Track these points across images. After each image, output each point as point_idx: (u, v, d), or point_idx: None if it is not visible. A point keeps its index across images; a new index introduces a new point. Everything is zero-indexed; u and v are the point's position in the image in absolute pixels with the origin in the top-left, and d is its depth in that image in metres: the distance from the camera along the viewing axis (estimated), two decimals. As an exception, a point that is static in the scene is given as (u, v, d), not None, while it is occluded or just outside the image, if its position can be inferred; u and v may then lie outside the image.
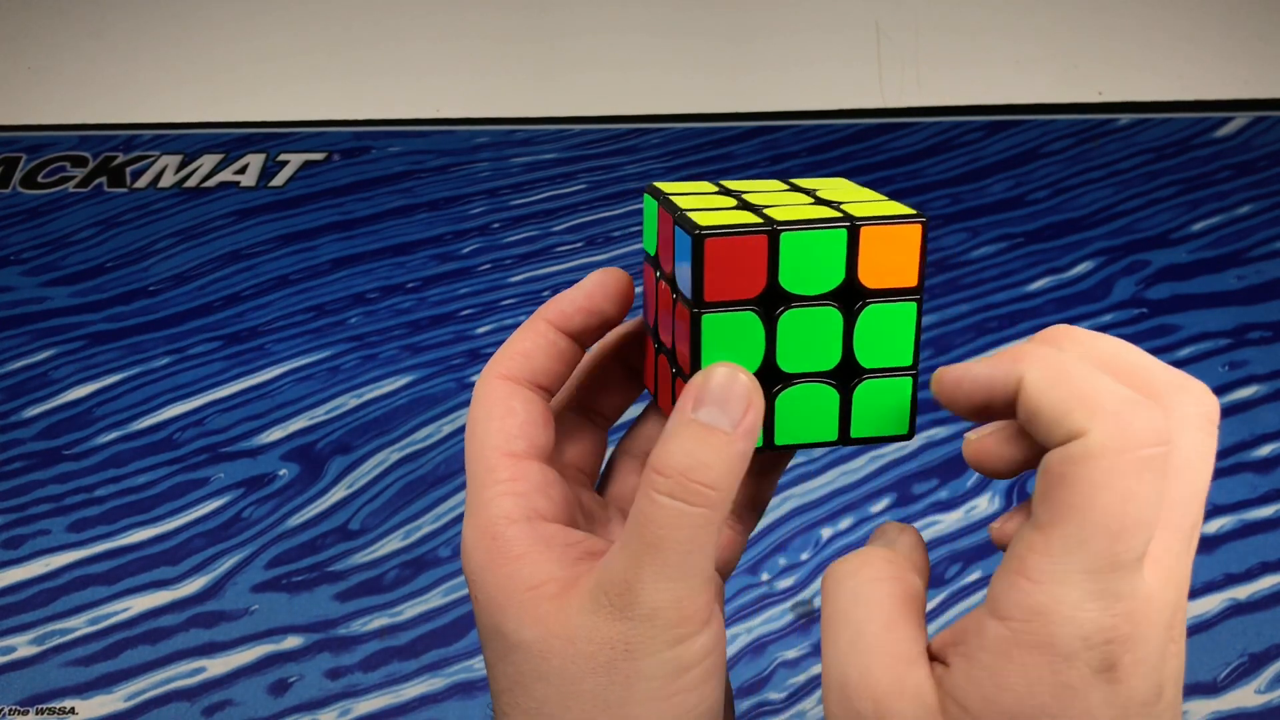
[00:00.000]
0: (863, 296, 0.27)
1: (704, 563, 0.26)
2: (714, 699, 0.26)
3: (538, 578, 0.27)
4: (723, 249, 0.26)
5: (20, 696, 0.64)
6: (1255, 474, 0.71)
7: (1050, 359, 0.24)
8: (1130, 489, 0.22)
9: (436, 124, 1.07)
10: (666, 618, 0.25)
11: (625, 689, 0.26)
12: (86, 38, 1.20)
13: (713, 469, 0.25)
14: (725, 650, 0.27)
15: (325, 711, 0.63)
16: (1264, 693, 0.61)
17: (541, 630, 0.26)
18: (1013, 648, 0.22)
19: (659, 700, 0.26)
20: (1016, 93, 1.05)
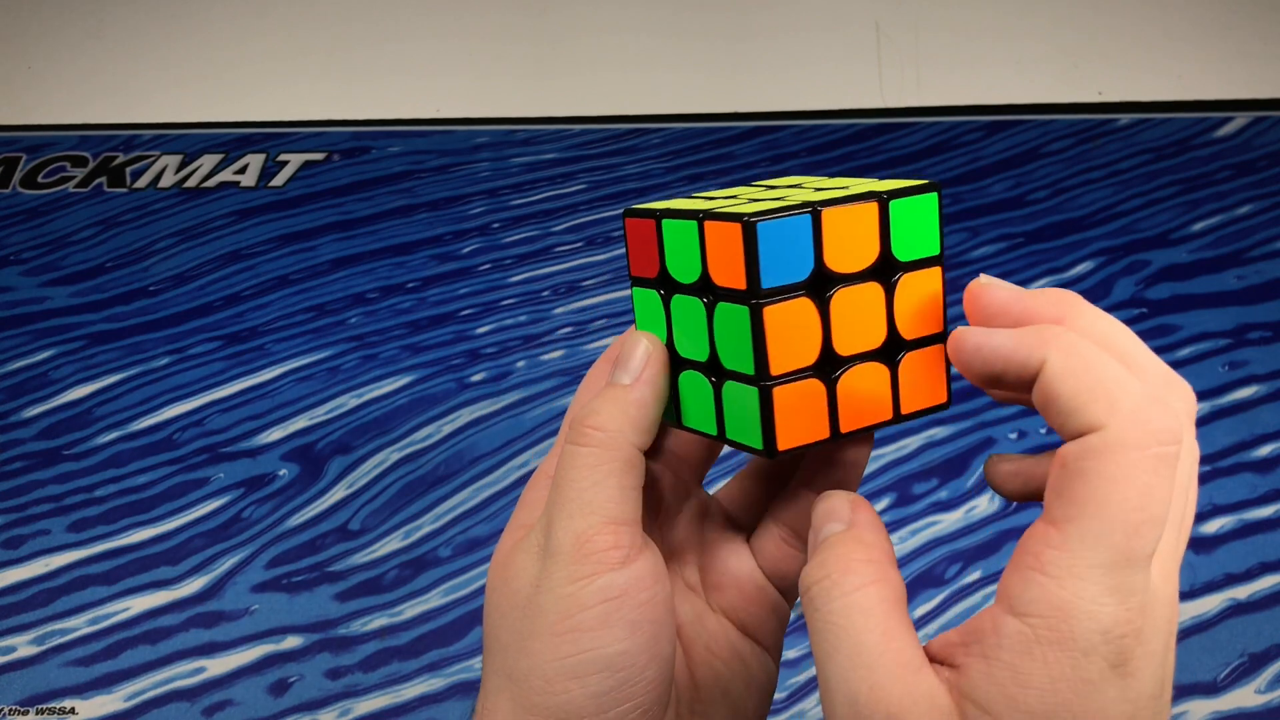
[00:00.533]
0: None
1: (605, 503, 0.27)
2: (615, 647, 0.27)
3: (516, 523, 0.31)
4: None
5: (20, 696, 0.64)
6: (1255, 474, 0.71)
7: (1073, 346, 0.24)
8: (1149, 485, 0.22)
9: (436, 124, 1.07)
10: (568, 555, 0.27)
11: (532, 622, 0.27)
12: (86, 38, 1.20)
13: (601, 413, 0.28)
14: (649, 609, 0.28)
15: (325, 711, 0.63)
16: (1264, 693, 0.61)
17: (497, 571, 0.30)
18: (1034, 645, 0.22)
19: (554, 635, 0.27)
20: (1016, 93, 1.05)
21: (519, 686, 0.28)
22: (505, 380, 0.81)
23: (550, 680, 0.27)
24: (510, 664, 0.28)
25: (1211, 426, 0.74)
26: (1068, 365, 0.24)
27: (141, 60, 1.18)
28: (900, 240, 0.28)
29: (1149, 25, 1.10)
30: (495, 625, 0.29)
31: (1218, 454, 0.72)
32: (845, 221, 0.27)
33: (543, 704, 0.27)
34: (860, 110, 1.05)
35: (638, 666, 0.27)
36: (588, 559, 0.27)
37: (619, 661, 0.27)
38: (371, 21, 1.19)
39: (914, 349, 0.29)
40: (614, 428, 0.28)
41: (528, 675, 0.27)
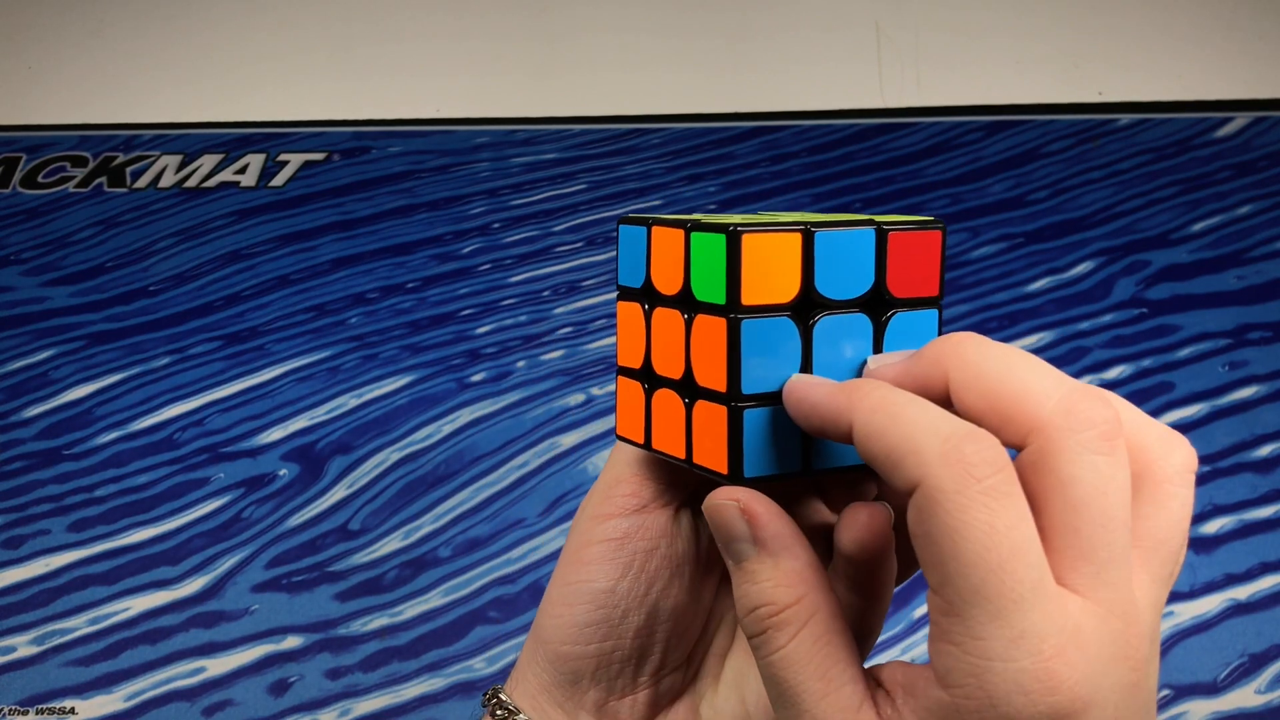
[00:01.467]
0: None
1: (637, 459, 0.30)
2: (603, 583, 0.30)
3: None
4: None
5: (20, 696, 0.64)
6: (1255, 474, 0.71)
7: (878, 401, 0.23)
8: (987, 524, 0.21)
9: (436, 124, 1.07)
10: (599, 493, 0.31)
11: (559, 562, 0.31)
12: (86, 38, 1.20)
13: None
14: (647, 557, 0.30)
15: (325, 711, 0.63)
16: (1264, 693, 0.61)
17: None
18: (956, 713, 0.22)
19: (565, 563, 0.31)
20: (1016, 93, 1.05)
21: (537, 616, 0.32)
22: (505, 380, 0.81)
23: (553, 603, 0.30)
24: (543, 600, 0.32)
25: (1211, 426, 0.74)
26: (871, 425, 0.23)
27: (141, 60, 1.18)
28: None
29: (1149, 25, 1.10)
30: None
31: (1218, 454, 0.72)
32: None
33: (543, 624, 0.31)
34: (860, 110, 1.05)
35: (622, 608, 0.30)
36: (609, 500, 0.30)
37: (605, 599, 0.30)
38: (371, 21, 1.19)
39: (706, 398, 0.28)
40: None
41: (541, 609, 0.31)
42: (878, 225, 0.27)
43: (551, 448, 0.76)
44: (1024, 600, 0.21)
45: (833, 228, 0.26)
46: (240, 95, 1.12)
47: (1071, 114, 1.02)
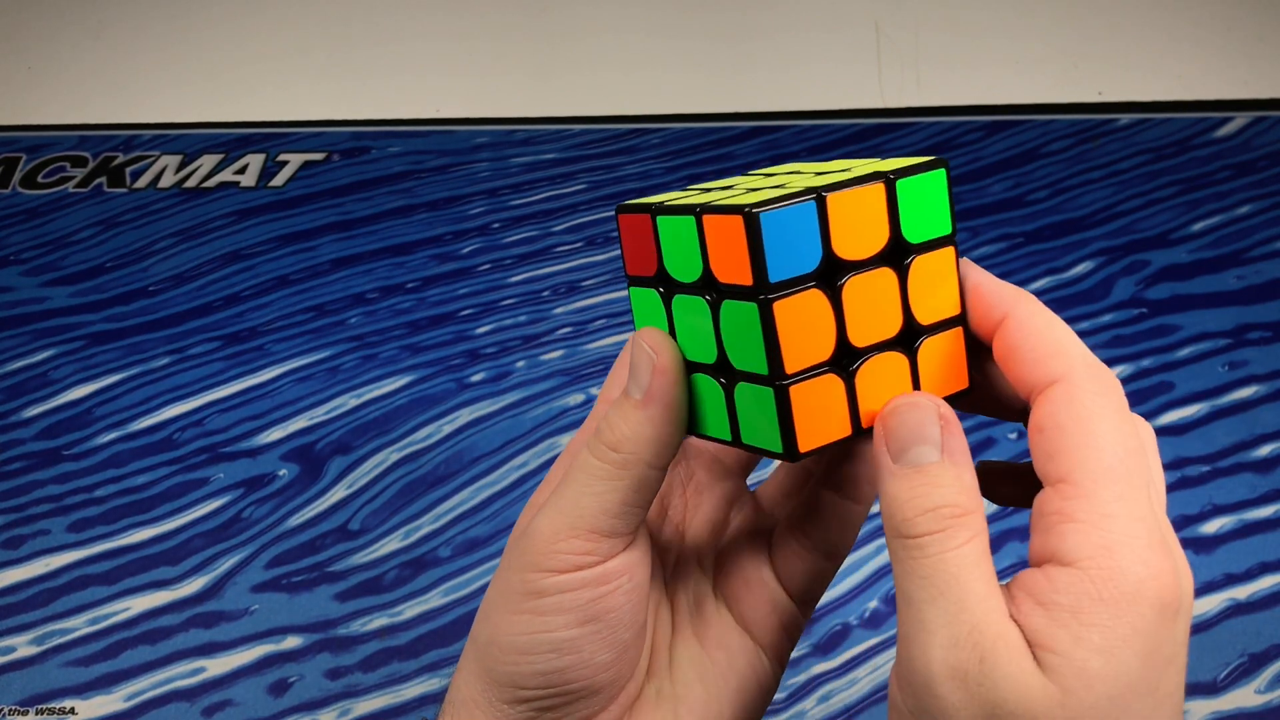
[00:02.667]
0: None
1: (598, 514, 0.28)
2: (564, 634, 0.28)
3: None
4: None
5: (20, 696, 0.65)
6: (1255, 474, 0.71)
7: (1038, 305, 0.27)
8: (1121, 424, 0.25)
9: (436, 124, 1.07)
10: (541, 544, 0.28)
11: (499, 593, 0.30)
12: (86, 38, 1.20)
13: (616, 430, 0.28)
14: (609, 600, 0.29)
15: (325, 711, 0.63)
16: (1264, 693, 0.61)
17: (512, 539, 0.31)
18: (1089, 585, 0.23)
19: (510, 612, 0.29)
20: (1016, 93, 1.05)
21: (480, 650, 0.30)
22: (505, 380, 0.81)
23: (504, 650, 0.29)
24: (476, 631, 0.30)
25: (1211, 426, 0.74)
26: (1032, 322, 0.26)
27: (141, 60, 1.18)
28: (910, 221, 0.27)
29: (1149, 25, 1.10)
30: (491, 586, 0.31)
31: (1218, 454, 0.72)
32: (852, 205, 0.26)
33: (495, 670, 0.29)
34: (860, 110, 1.05)
35: (588, 652, 0.29)
36: (555, 555, 0.28)
37: (567, 646, 0.29)
38: (371, 22, 1.19)
39: (932, 334, 0.28)
40: (629, 449, 0.28)
41: (487, 642, 0.30)
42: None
43: (551, 448, 0.76)
44: (1144, 490, 0.24)
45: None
46: (240, 95, 1.12)
47: (1071, 114, 1.02)
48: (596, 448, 0.28)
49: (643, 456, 0.28)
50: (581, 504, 0.28)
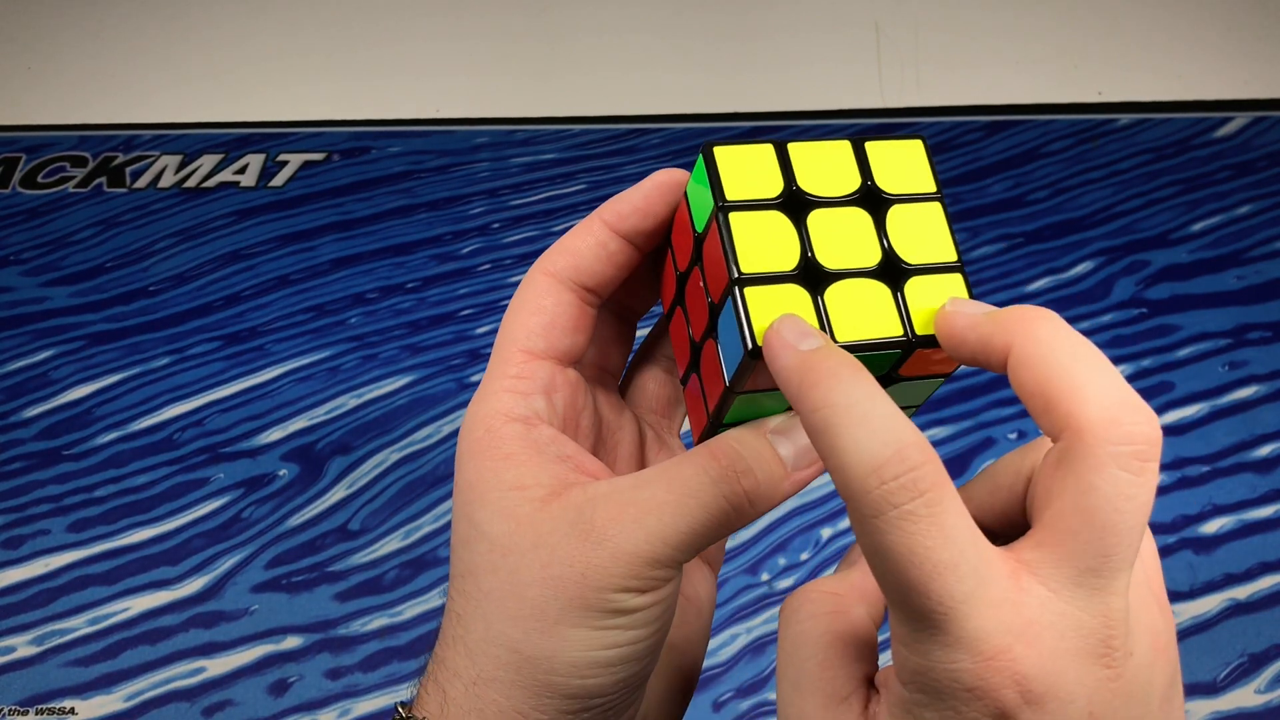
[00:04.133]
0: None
1: (695, 549, 0.26)
2: (647, 645, 0.27)
3: (525, 480, 0.28)
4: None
5: (20, 696, 0.64)
6: (1255, 474, 0.71)
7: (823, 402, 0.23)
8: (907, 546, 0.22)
9: (436, 124, 1.07)
10: (631, 566, 0.26)
11: (563, 608, 0.26)
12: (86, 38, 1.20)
13: (756, 483, 0.26)
14: (661, 635, 0.28)
15: (325, 711, 0.63)
16: (1264, 693, 0.61)
17: (511, 527, 0.27)
18: (912, 705, 0.23)
19: (584, 629, 0.26)
20: (1016, 93, 1.05)
21: (534, 665, 0.27)
22: (505, 380, 0.81)
23: (578, 667, 0.26)
24: (522, 640, 0.27)
25: (1211, 426, 0.74)
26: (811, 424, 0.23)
27: (141, 60, 1.18)
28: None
29: (1149, 25, 1.10)
30: (508, 588, 0.27)
31: (1218, 454, 0.72)
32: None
33: (560, 685, 0.27)
34: (860, 110, 1.05)
35: (659, 649, 0.28)
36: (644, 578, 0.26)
37: (648, 653, 0.28)
38: (371, 22, 1.19)
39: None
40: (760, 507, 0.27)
41: (551, 657, 0.26)
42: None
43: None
44: (954, 612, 0.22)
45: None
46: (240, 95, 1.12)
47: (1071, 114, 1.02)
48: (733, 494, 0.26)
49: (763, 513, 0.27)
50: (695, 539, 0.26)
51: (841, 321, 0.26)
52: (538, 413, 0.29)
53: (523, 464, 0.28)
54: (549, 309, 0.29)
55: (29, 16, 1.24)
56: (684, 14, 1.16)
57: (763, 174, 0.27)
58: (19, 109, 1.13)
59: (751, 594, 0.67)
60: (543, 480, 0.28)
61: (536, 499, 0.27)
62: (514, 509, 0.27)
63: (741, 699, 0.63)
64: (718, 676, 0.64)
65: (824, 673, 0.25)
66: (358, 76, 1.13)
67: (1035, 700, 0.22)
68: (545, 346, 0.29)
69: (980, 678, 0.22)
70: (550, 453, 0.28)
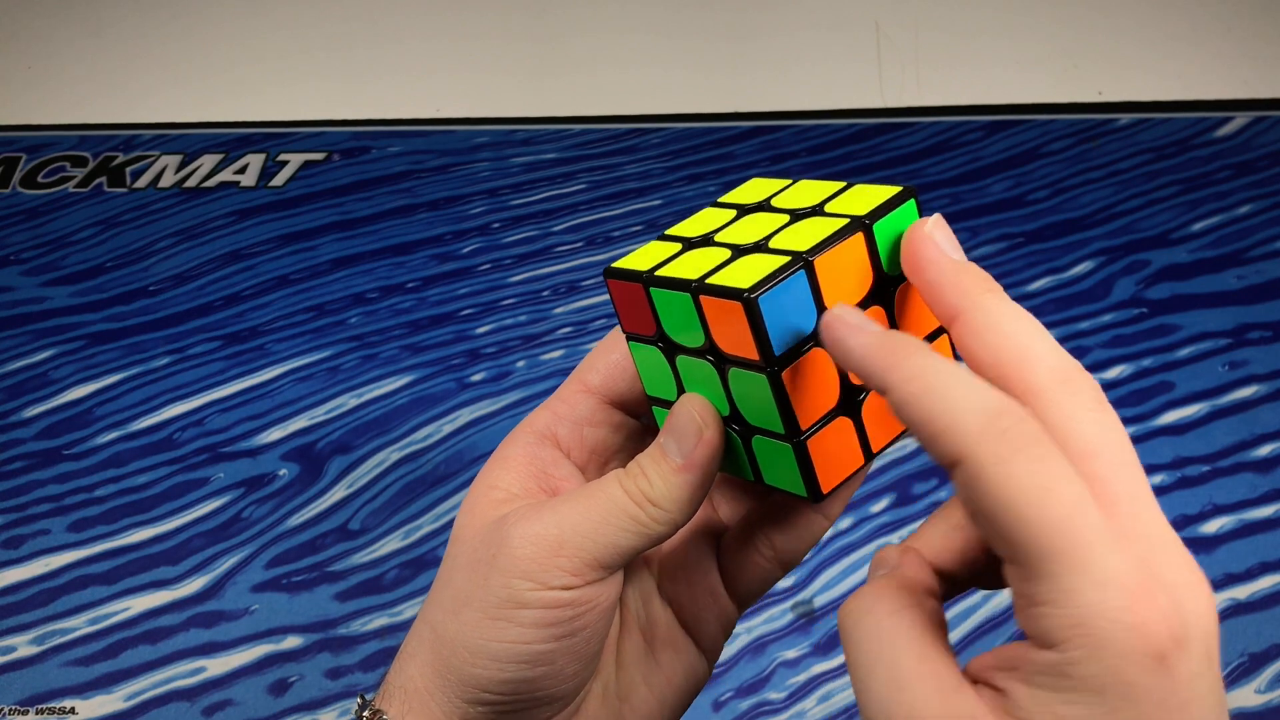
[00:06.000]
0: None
1: (605, 547, 0.28)
2: (540, 647, 0.28)
3: (499, 482, 0.30)
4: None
5: (20, 696, 0.65)
6: (1255, 474, 0.71)
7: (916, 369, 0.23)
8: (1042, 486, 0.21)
9: (436, 124, 1.07)
10: (532, 554, 0.28)
11: (474, 590, 0.28)
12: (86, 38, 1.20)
13: (655, 487, 0.28)
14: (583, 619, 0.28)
15: (325, 711, 0.63)
16: (1264, 693, 0.61)
17: (467, 520, 0.30)
18: (1068, 665, 0.21)
19: (487, 617, 0.28)
20: (1016, 93, 1.05)
21: (442, 645, 0.29)
22: (505, 380, 0.81)
23: (473, 653, 0.28)
24: (439, 620, 0.29)
25: (1211, 426, 0.74)
26: (907, 394, 0.23)
27: (141, 60, 1.18)
28: (888, 256, 0.27)
29: (1149, 25, 1.10)
30: (447, 571, 0.30)
31: (1218, 454, 0.72)
32: (837, 262, 0.26)
33: (460, 669, 0.29)
34: (860, 110, 1.05)
35: (558, 665, 0.29)
36: (550, 571, 0.28)
37: (541, 659, 0.28)
38: (371, 21, 1.19)
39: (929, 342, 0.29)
40: (663, 506, 0.28)
41: (453, 638, 0.29)
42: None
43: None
44: (1097, 545, 0.21)
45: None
46: (240, 95, 1.12)
47: (1071, 114, 1.02)
48: (632, 490, 0.28)
49: (673, 517, 0.28)
50: (597, 535, 0.28)
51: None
52: (556, 434, 0.31)
53: (509, 469, 0.31)
54: (615, 354, 0.32)
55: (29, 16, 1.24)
56: (684, 14, 1.16)
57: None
58: (19, 109, 1.13)
59: (751, 594, 0.67)
60: (512, 487, 0.30)
61: (496, 499, 0.30)
62: (475, 505, 0.30)
63: (741, 699, 0.63)
64: (718, 676, 0.64)
65: (925, 666, 0.23)
66: (358, 76, 1.13)
67: (1180, 640, 0.21)
68: (599, 384, 0.32)
69: (1138, 613, 0.21)
70: (537, 467, 0.31)
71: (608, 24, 1.16)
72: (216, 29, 1.20)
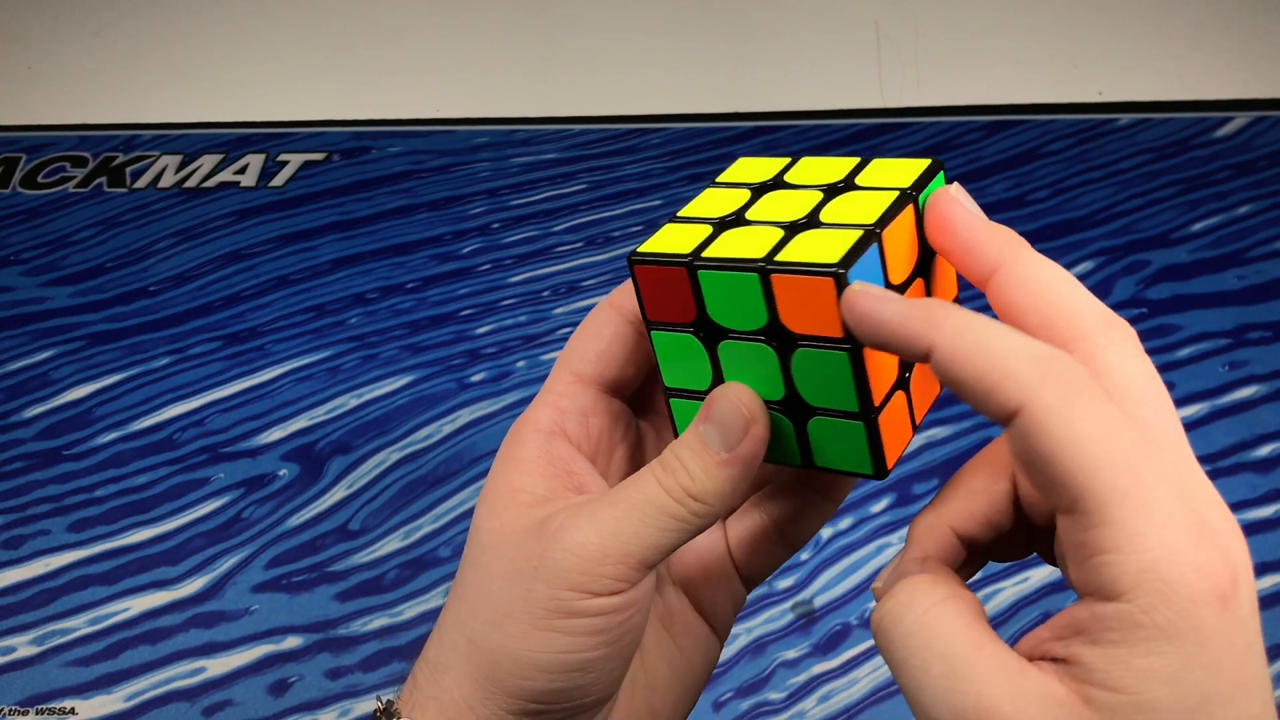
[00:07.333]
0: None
1: (650, 551, 0.27)
2: (592, 654, 0.27)
3: (523, 485, 0.30)
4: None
5: (20, 696, 0.65)
6: (1255, 474, 0.71)
7: (960, 325, 0.23)
8: (1103, 429, 0.21)
9: (436, 124, 1.07)
10: (579, 563, 0.27)
11: (517, 602, 0.28)
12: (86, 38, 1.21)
13: (698, 482, 0.27)
14: (631, 624, 0.28)
15: (325, 711, 0.63)
16: (1264, 693, 0.61)
17: (495, 526, 0.29)
18: (1139, 615, 0.21)
19: (534, 626, 0.27)
20: (1016, 93, 1.05)
21: (484, 657, 0.28)
22: (505, 380, 0.81)
23: (520, 665, 0.28)
24: (478, 631, 0.28)
25: (1211, 426, 0.74)
26: (959, 349, 0.23)
27: (141, 60, 1.18)
28: (924, 230, 0.27)
29: (1149, 25, 1.10)
30: (479, 580, 0.29)
31: (1218, 454, 0.72)
32: (896, 236, 0.26)
33: (505, 680, 0.28)
34: (860, 110, 1.05)
35: (606, 670, 0.28)
36: (599, 579, 0.27)
37: (591, 666, 0.28)
38: (371, 21, 1.19)
39: None
40: (707, 501, 0.27)
41: (497, 650, 0.28)
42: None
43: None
44: (1158, 487, 0.21)
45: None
46: (240, 95, 1.12)
47: (1071, 114, 1.02)
48: (672, 487, 0.27)
49: (715, 510, 0.27)
50: (640, 537, 0.27)
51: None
52: (565, 429, 0.31)
53: (528, 471, 0.30)
54: (606, 338, 0.31)
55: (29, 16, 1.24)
56: (684, 14, 1.16)
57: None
58: (19, 109, 1.13)
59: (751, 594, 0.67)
60: (538, 490, 0.29)
61: (524, 504, 0.29)
62: (503, 510, 0.29)
63: (741, 699, 0.63)
64: (718, 676, 0.64)
65: (983, 652, 0.23)
66: (358, 76, 1.13)
67: (1235, 582, 0.21)
68: (594, 373, 0.31)
69: (1201, 555, 0.21)
70: (557, 466, 0.30)
71: (608, 24, 1.16)
72: (216, 29, 1.20)
